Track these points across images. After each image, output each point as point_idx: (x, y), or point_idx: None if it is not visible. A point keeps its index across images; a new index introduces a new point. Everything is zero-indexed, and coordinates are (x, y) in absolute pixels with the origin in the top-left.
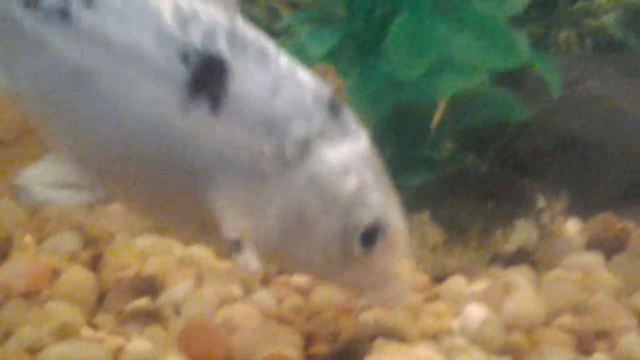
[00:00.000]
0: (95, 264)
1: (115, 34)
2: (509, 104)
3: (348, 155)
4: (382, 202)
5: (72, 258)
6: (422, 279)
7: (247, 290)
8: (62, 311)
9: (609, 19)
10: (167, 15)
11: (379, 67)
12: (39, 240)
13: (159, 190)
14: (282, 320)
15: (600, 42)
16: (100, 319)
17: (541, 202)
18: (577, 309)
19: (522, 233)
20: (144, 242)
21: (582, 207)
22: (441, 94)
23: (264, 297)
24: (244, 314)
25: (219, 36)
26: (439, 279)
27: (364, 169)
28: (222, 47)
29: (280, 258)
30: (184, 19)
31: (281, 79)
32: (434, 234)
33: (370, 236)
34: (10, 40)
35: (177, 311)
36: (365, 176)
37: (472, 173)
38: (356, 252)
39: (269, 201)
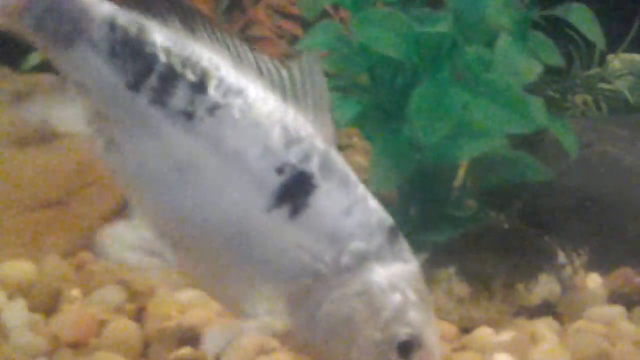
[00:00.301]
0: (139, 315)
1: (228, 138)
2: (528, 165)
3: (397, 275)
4: (421, 320)
5: (118, 310)
6: (450, 329)
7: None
8: None
9: (622, 84)
10: (275, 134)
11: (402, 132)
12: (86, 294)
13: (225, 273)
14: None
15: (615, 106)
16: None
17: (562, 257)
18: (601, 359)
19: (545, 287)
20: (184, 295)
21: (601, 263)
22: (462, 157)
23: None
24: None
25: (314, 158)
26: (466, 330)
27: (409, 289)
28: (314, 166)
29: (318, 356)
30: (288, 140)
31: (355, 203)
32: (460, 287)
33: (407, 349)
34: (129, 125)
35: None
36: (409, 295)
37: (496, 230)
38: None
39: (319, 301)
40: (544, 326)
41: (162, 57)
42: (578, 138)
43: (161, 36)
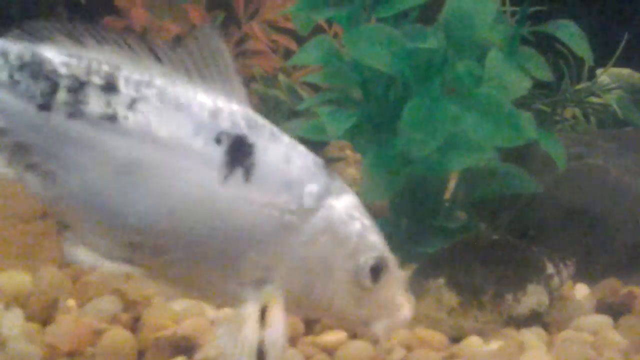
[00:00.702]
0: (134, 325)
1: (157, 127)
2: (517, 177)
3: (349, 205)
4: (380, 242)
5: (113, 320)
6: (440, 339)
7: None
8: None
9: (611, 98)
10: (198, 110)
11: (393, 145)
12: (82, 304)
13: (199, 259)
14: None
15: (604, 119)
16: None
17: (550, 268)
18: None
19: (534, 297)
20: (179, 305)
21: (588, 273)
22: (452, 169)
23: (294, 354)
24: None
25: (239, 120)
26: (455, 339)
27: (362, 215)
28: (243, 128)
29: (304, 303)
30: (211, 112)
31: (290, 150)
32: (450, 297)
33: (377, 271)
34: (56, 150)
35: None
36: (364, 221)
37: (485, 241)
38: (367, 286)
39: (294, 250)
40: (532, 336)
41: (64, 71)
42: (567, 151)
43: (55, 53)
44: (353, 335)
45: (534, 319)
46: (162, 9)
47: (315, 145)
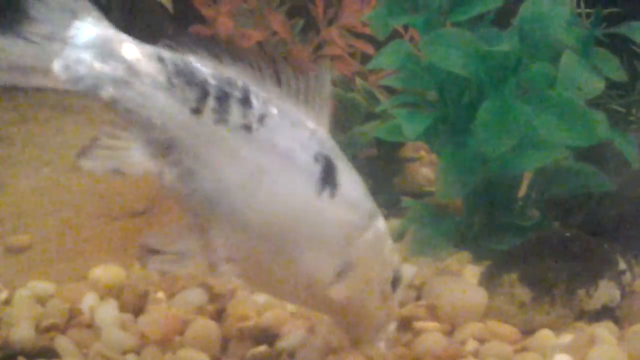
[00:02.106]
0: (219, 316)
1: (279, 141)
2: (590, 176)
3: (384, 226)
4: (398, 259)
5: (200, 311)
6: (512, 332)
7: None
8: (192, 357)
9: None
10: (302, 129)
11: (468, 145)
12: (170, 296)
13: (287, 255)
14: None
15: None
16: None
17: (622, 264)
18: None
19: (605, 292)
20: (261, 297)
21: None
22: (525, 168)
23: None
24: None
25: (327, 143)
26: (527, 333)
27: (389, 235)
28: (330, 151)
29: (348, 302)
30: (310, 133)
31: (353, 174)
32: (522, 292)
33: (395, 283)
34: (200, 149)
35: (292, 357)
36: (390, 240)
37: (557, 237)
38: (388, 295)
39: (352, 260)
40: (604, 330)
41: (212, 81)
42: None
43: (202, 64)
44: None
45: (606, 313)
46: (245, 17)
47: (391, 146)
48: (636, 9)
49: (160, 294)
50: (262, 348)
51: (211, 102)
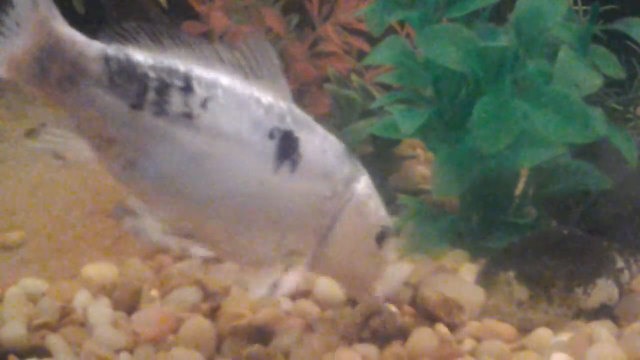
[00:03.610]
0: (213, 314)
1: (224, 123)
2: (588, 173)
3: (366, 185)
4: (385, 213)
5: (193, 309)
6: (510, 330)
7: (350, 340)
8: (185, 356)
9: None
10: (254, 107)
11: (464, 142)
12: (164, 294)
13: (250, 234)
14: None
15: None
16: None
17: (620, 262)
18: None
19: (604, 290)
20: (255, 295)
21: None
22: (522, 166)
23: (366, 345)
24: (348, 359)
25: (286, 116)
26: (525, 331)
27: (373, 192)
28: (290, 124)
29: (332, 265)
30: (264, 109)
31: (324, 141)
32: (520, 291)
33: (381, 238)
34: (140, 142)
35: (287, 356)
36: (375, 197)
37: (555, 235)
38: (374, 251)
39: (329, 229)
40: (602, 328)
41: (152, 74)
42: (638, 148)
43: (143, 56)
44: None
45: (604, 312)
46: (240, 14)
47: (388, 144)
48: (633, 6)
49: (154, 292)
50: (257, 347)
51: (151, 96)
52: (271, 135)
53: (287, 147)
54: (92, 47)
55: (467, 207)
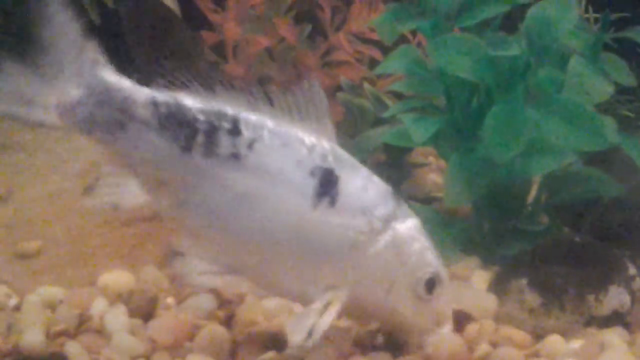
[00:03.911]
0: (229, 321)
1: (269, 163)
2: (599, 181)
3: (412, 227)
4: (437, 260)
5: (209, 316)
6: (523, 337)
7: (364, 348)
8: None
9: None
10: (298, 147)
11: (476, 150)
12: (180, 302)
13: (289, 268)
14: None
15: None
16: None
17: (632, 269)
18: None
19: (615, 298)
20: (269, 303)
21: None
22: (534, 173)
23: (380, 354)
24: None
25: (329, 156)
26: (538, 338)
27: (422, 236)
28: (331, 162)
29: (368, 308)
30: (308, 148)
31: (366, 180)
32: (532, 298)
33: (432, 284)
34: (190, 182)
35: None
36: (424, 241)
37: (567, 243)
38: (423, 297)
39: (362, 265)
40: (614, 335)
41: (201, 117)
42: None
43: (193, 101)
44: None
45: (616, 319)
46: (252, 23)
47: (400, 152)
48: None
49: (170, 300)
50: (272, 354)
51: (200, 138)
52: (312, 174)
53: (326, 184)
54: (141, 93)
55: (479, 215)
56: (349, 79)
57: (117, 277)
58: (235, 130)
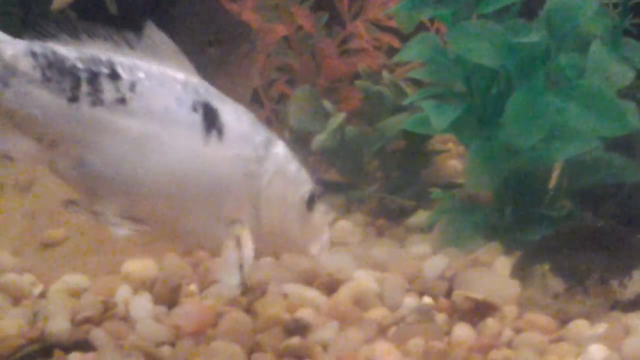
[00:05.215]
0: (251, 308)
1: (153, 103)
2: (621, 166)
3: (284, 149)
4: (308, 175)
5: (232, 303)
6: (547, 322)
7: (383, 332)
8: (225, 349)
9: None
10: (173, 84)
11: (497, 137)
12: (202, 289)
13: (191, 207)
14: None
15: None
16: (258, 356)
17: None
18: None
19: (639, 282)
20: (292, 289)
21: None
22: (555, 159)
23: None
24: (387, 351)
25: (200, 89)
26: (562, 322)
27: (292, 156)
28: (206, 95)
29: (267, 233)
30: (181, 85)
31: (237, 110)
32: (555, 283)
33: (312, 201)
34: (84, 137)
35: (325, 349)
36: (296, 160)
37: (589, 228)
38: (305, 214)
39: (258, 192)
40: (638, 320)
41: (80, 64)
42: None
43: (67, 49)
44: None
45: None
46: (270, 12)
47: (419, 139)
48: None
49: (193, 287)
50: (295, 340)
51: (85, 87)
52: (194, 109)
53: (210, 118)
54: (18, 44)
55: (500, 201)
56: (368, 66)
57: (140, 265)
58: (114, 74)
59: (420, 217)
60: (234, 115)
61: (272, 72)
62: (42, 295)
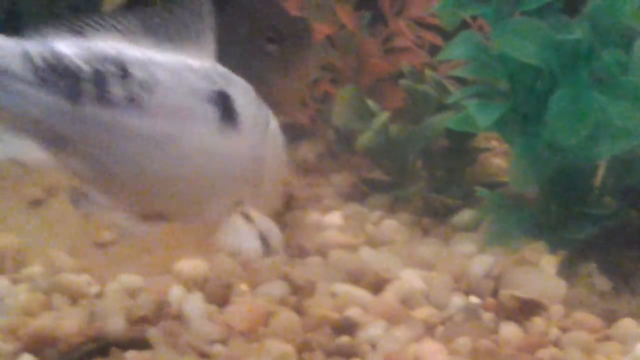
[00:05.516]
0: (300, 307)
1: (167, 97)
2: None
3: (274, 120)
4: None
5: (282, 302)
6: (594, 321)
7: (430, 331)
8: (277, 348)
9: None
10: (187, 73)
11: (542, 135)
12: (253, 288)
13: (207, 196)
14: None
15: None
16: (308, 355)
17: None
18: None
19: None
20: (340, 288)
21: None
22: (601, 157)
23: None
24: (434, 350)
25: (214, 76)
26: (609, 321)
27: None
28: (220, 83)
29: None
30: (196, 73)
31: (245, 91)
32: (602, 282)
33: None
34: (95, 137)
35: (374, 347)
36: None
37: (635, 226)
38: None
39: (264, 174)
40: None
41: (84, 64)
42: None
43: (68, 47)
44: None
45: None
46: (313, 11)
47: (463, 137)
48: None
49: (243, 286)
50: (345, 338)
51: (88, 86)
52: (210, 101)
53: (225, 109)
54: (9, 43)
55: (546, 199)
56: (411, 65)
57: (191, 265)
58: (123, 71)
59: (466, 215)
60: (244, 100)
61: (316, 71)
62: (99, 294)
